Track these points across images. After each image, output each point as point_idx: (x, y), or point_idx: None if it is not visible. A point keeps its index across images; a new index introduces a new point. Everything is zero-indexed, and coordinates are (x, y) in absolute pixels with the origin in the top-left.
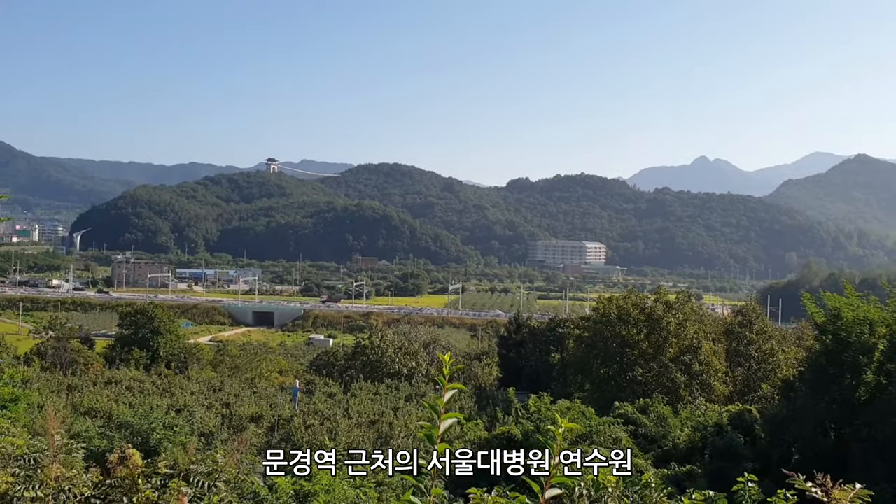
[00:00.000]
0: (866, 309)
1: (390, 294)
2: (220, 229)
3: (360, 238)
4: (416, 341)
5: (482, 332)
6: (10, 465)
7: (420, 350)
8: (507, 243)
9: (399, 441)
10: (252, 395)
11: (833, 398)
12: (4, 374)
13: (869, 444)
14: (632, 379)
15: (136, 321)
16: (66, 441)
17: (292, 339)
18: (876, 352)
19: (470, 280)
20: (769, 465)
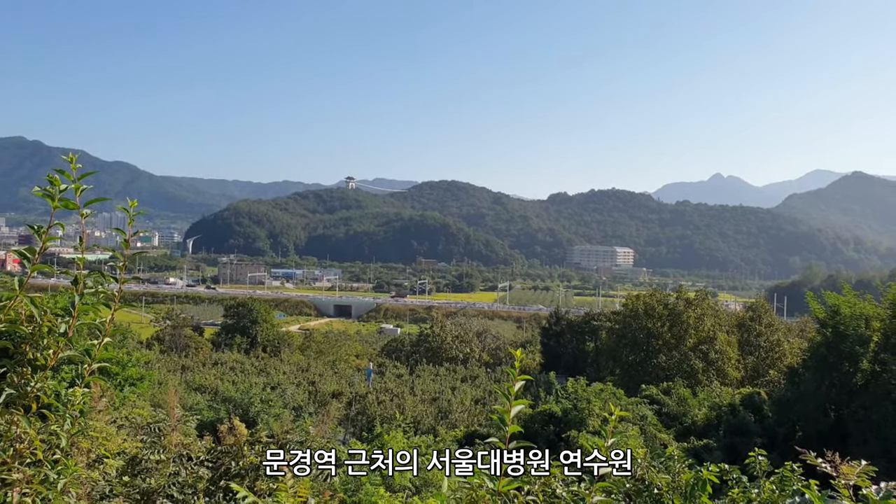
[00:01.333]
0: (862, 306)
1: (448, 291)
2: (307, 236)
3: (423, 243)
4: (470, 331)
5: (526, 323)
6: (139, 433)
7: (473, 338)
8: (548, 248)
9: (456, 415)
10: (333, 374)
11: (833, 383)
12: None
13: (865, 424)
14: (656, 365)
15: (238, 312)
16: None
17: (366, 328)
18: (871, 343)
19: (516, 279)
20: (776, 440)
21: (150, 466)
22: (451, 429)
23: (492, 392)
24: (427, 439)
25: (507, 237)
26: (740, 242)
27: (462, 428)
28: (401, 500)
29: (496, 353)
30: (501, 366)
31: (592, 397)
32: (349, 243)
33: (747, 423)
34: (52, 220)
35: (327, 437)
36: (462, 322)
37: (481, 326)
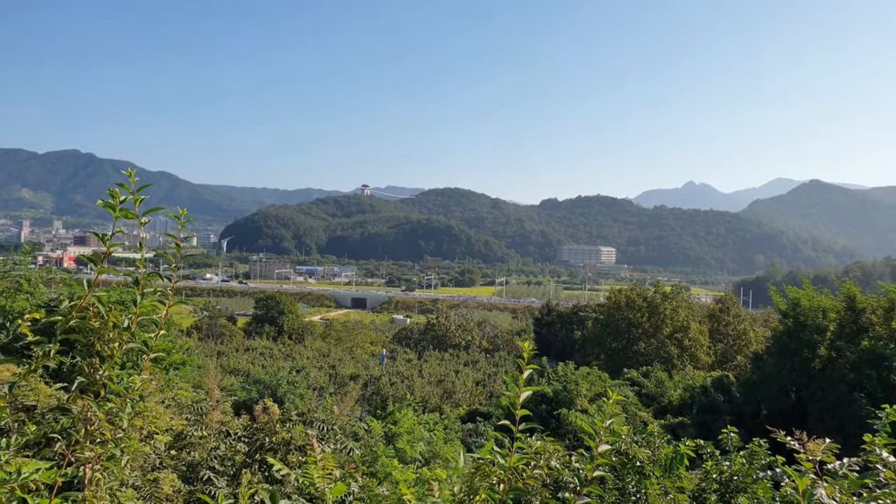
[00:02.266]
0: (820, 299)
1: (451, 285)
2: (327, 237)
3: (429, 244)
4: (471, 321)
5: (521, 314)
6: (183, 412)
7: (474, 327)
8: (540, 248)
9: (459, 395)
10: (351, 359)
11: (793, 367)
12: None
13: (822, 404)
14: (636, 351)
15: (267, 304)
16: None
17: (380, 318)
18: (828, 332)
19: (511, 275)
20: (743, 418)
21: (194, 441)
22: (455, 407)
23: (491, 375)
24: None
25: (504, 238)
26: (710, 242)
27: (465, 406)
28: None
29: (494, 340)
30: (499, 351)
31: (580, 380)
32: (364, 244)
33: (717, 402)
34: (115, 228)
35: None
36: (464, 313)
37: (481, 317)
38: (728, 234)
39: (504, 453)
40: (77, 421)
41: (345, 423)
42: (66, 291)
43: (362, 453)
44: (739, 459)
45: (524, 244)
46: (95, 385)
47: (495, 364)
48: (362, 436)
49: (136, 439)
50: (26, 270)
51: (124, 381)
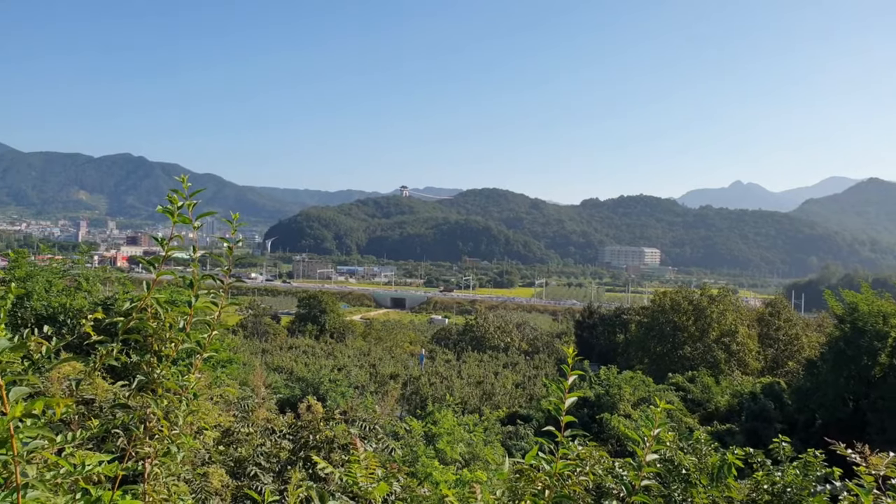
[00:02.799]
0: (880, 304)
1: (490, 286)
2: (367, 238)
3: (467, 244)
4: (510, 322)
5: (561, 316)
6: (231, 409)
7: (513, 329)
8: (581, 248)
9: (499, 397)
10: (391, 358)
11: (850, 375)
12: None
13: (884, 413)
14: (681, 355)
15: (310, 303)
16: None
17: (418, 318)
18: (889, 338)
19: (551, 276)
20: (795, 427)
21: (241, 438)
22: (494, 409)
23: (531, 377)
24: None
25: (544, 238)
26: (759, 244)
27: (504, 409)
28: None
29: (534, 342)
30: (539, 354)
31: (623, 384)
32: (403, 244)
33: (768, 410)
34: (173, 232)
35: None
36: (503, 314)
37: (520, 318)
38: (778, 234)
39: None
40: (136, 417)
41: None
42: (121, 290)
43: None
44: (793, 471)
45: (564, 245)
46: (153, 383)
47: (535, 367)
48: (402, 435)
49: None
50: (84, 270)
51: (179, 380)
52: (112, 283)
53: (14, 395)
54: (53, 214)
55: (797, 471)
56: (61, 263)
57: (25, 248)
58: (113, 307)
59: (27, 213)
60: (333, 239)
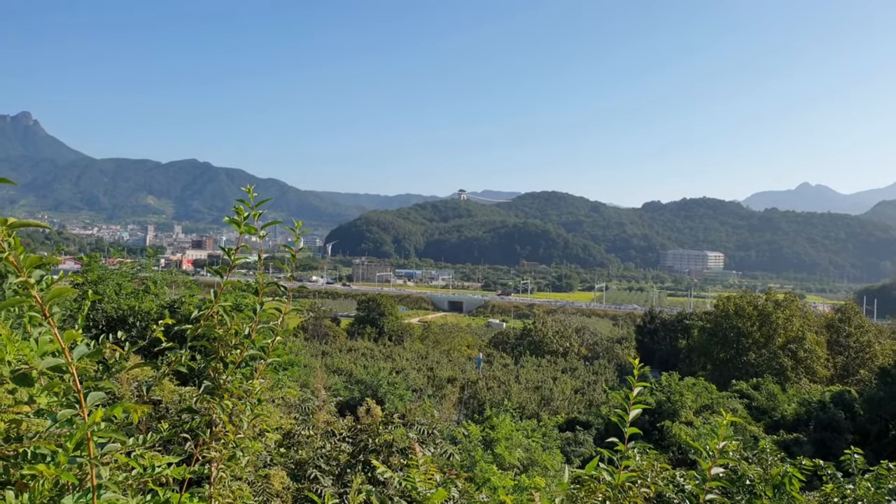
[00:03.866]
0: None
1: (548, 290)
2: (425, 241)
3: (525, 248)
4: (569, 327)
5: (621, 321)
6: (292, 411)
7: (572, 334)
8: (642, 252)
9: (557, 403)
10: (448, 362)
11: None
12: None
13: None
14: (746, 362)
15: (369, 306)
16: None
17: (476, 322)
18: None
19: (612, 280)
20: (868, 437)
21: (302, 440)
22: (552, 415)
23: (590, 383)
24: (531, 423)
25: (604, 242)
26: (828, 247)
27: (563, 415)
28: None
29: (594, 347)
30: (598, 359)
31: (685, 391)
32: (461, 247)
33: (838, 419)
34: (240, 243)
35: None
36: (561, 319)
37: (579, 323)
38: (848, 238)
39: (611, 470)
40: (203, 421)
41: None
42: (187, 293)
43: (461, 458)
44: (865, 483)
45: (625, 249)
46: (220, 389)
47: (594, 372)
48: (460, 440)
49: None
50: (151, 273)
51: (244, 384)
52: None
53: (91, 400)
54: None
55: (869, 484)
56: (130, 267)
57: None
58: (179, 310)
59: (99, 217)
60: (392, 242)
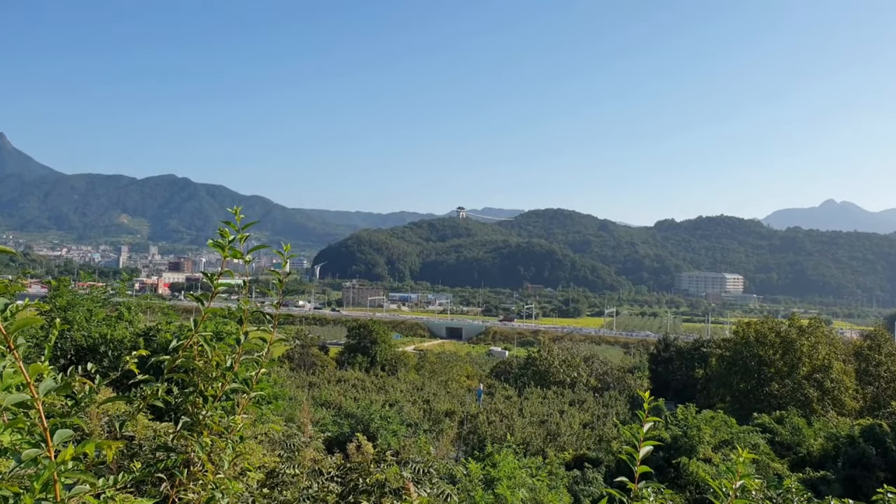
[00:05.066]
0: None
1: (555, 315)
2: (421, 262)
3: (529, 269)
4: (577, 356)
5: (633, 349)
6: (276, 448)
7: (581, 363)
8: (656, 274)
9: (565, 438)
10: (446, 394)
11: None
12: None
13: None
14: (768, 393)
15: (360, 333)
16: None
17: (476, 350)
18: None
19: (623, 305)
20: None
21: (286, 480)
22: (559, 451)
23: (600, 416)
24: (536, 460)
25: (614, 263)
26: (855, 269)
27: (571, 451)
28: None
29: (604, 378)
30: (609, 391)
31: (702, 425)
32: (460, 269)
33: (868, 455)
34: (223, 266)
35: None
36: (569, 346)
37: (588, 351)
38: (878, 259)
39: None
40: (180, 460)
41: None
42: (163, 320)
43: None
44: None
45: (637, 270)
46: (198, 424)
47: (605, 404)
48: (459, 479)
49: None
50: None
51: (225, 421)
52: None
53: (58, 437)
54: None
55: None
56: (102, 291)
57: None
58: (155, 339)
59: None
60: (385, 264)
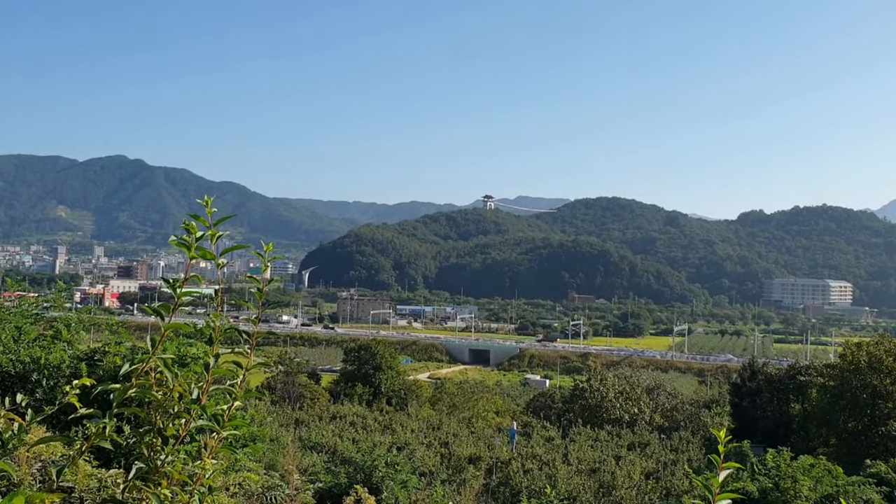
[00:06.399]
0: None
1: (609, 334)
2: (437, 266)
3: (576, 275)
4: (638, 386)
5: (711, 377)
6: (254, 503)
7: (643, 395)
8: (739, 281)
9: (622, 492)
10: (469, 434)
11: None
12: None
13: None
14: (885, 434)
15: (360, 357)
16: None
17: (508, 379)
18: None
19: (696, 321)
20: None
21: None
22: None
23: (667, 464)
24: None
25: (685, 267)
26: None
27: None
28: None
29: (672, 414)
30: (679, 431)
31: (799, 474)
32: (486, 275)
33: None
34: (188, 272)
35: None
36: (627, 374)
37: (652, 380)
38: None
39: None
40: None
41: None
42: (112, 340)
43: None
44: None
45: (715, 277)
46: (156, 473)
47: (674, 448)
48: None
49: None
50: (63, 312)
51: (190, 468)
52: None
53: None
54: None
55: None
56: (33, 303)
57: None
58: (101, 363)
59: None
60: (392, 268)
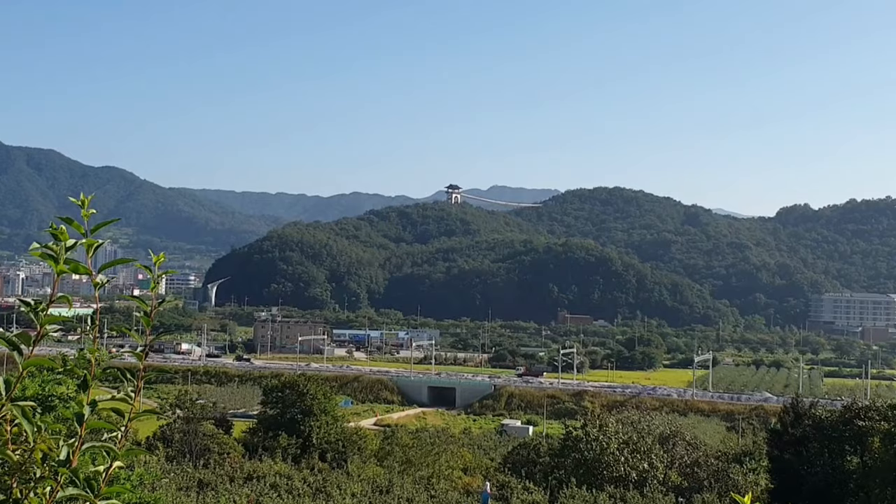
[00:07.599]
0: None
1: (610, 366)
2: (387, 278)
3: (567, 289)
4: (648, 434)
5: (743, 422)
6: None
7: (654, 446)
8: (778, 297)
9: None
10: (429, 500)
11: None
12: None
13: None
14: None
15: (284, 398)
16: None
17: (479, 425)
18: None
19: (724, 349)
20: None
21: None
22: None
23: None
24: None
25: (708, 278)
26: None
27: None
28: None
29: (692, 471)
30: (702, 493)
31: None
32: (451, 289)
33: None
34: (56, 291)
35: None
36: (635, 419)
37: (667, 426)
38: None
39: None
40: None
41: None
42: None
43: None
44: None
45: (747, 290)
46: None
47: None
48: None
49: None
50: None
51: None
52: None
53: None
54: None
55: None
56: None
57: None
58: None
59: None
60: (327, 280)
